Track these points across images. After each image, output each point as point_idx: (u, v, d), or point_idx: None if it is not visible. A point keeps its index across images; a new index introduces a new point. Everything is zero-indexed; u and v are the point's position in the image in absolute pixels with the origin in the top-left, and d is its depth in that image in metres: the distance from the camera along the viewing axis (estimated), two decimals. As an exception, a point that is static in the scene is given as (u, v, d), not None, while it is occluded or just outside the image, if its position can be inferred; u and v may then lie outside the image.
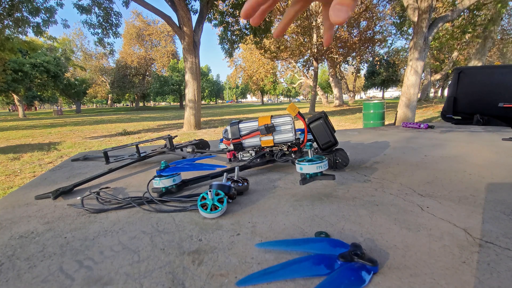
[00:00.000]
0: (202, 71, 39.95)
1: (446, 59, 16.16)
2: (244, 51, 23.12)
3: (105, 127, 9.95)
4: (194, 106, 7.96)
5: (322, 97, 20.87)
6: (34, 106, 48.12)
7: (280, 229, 0.48)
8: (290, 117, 0.88)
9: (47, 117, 20.33)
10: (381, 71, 28.48)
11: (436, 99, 19.24)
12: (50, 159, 4.44)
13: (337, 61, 18.39)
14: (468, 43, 11.24)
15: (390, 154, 1.04)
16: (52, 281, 0.37)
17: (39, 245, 0.47)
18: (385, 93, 49.57)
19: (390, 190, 0.65)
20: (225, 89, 64.14)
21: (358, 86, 43.63)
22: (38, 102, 40.71)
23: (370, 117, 6.40)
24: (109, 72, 33.89)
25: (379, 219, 0.50)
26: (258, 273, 0.36)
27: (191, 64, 7.61)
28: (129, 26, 32.03)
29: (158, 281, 0.35)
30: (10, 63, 18.57)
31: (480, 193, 0.61)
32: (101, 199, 0.67)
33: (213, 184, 0.59)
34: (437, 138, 1.37)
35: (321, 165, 0.59)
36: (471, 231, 0.44)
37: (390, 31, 16.29)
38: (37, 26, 7.81)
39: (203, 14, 7.72)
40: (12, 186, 3.06)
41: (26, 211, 0.64)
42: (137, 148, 1.09)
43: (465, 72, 1.84)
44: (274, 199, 0.63)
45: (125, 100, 44.13)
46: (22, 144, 6.19)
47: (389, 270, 0.35)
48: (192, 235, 0.47)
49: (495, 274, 0.33)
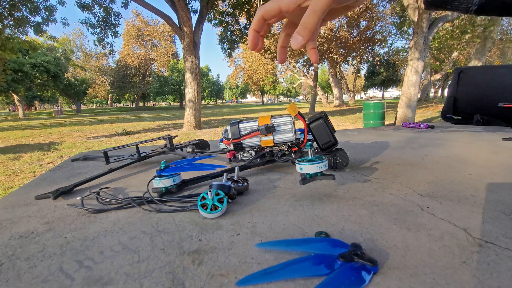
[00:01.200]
0: (202, 71, 39.94)
1: (446, 59, 16.15)
2: (244, 51, 23.15)
3: (105, 127, 9.95)
4: (194, 106, 7.96)
5: (322, 97, 20.88)
6: (34, 106, 48.12)
7: (280, 229, 0.48)
8: (290, 117, 0.88)
9: (47, 117, 20.32)
10: (381, 71, 28.48)
11: (436, 99, 19.24)
12: (50, 159, 4.44)
13: (337, 61, 18.39)
14: (468, 43, 11.24)
15: (390, 154, 1.04)
16: (52, 281, 0.37)
17: (39, 245, 0.47)
18: (385, 93, 49.59)
19: (390, 190, 0.65)
20: (225, 89, 64.13)
21: (358, 86, 43.62)
22: (38, 102, 40.71)
23: (370, 117, 6.40)
24: (109, 72, 33.91)
25: (379, 219, 0.50)
26: (258, 273, 0.36)
27: (191, 64, 7.62)
28: (129, 26, 32.02)
29: (158, 281, 0.35)
30: (10, 63, 18.57)
31: (480, 193, 0.61)
32: (101, 199, 0.67)
33: (213, 184, 0.59)
34: (437, 138, 1.37)
35: (321, 165, 0.59)
36: (471, 231, 0.44)
37: (390, 31, 16.29)
38: (37, 25, 7.82)
39: (203, 14, 7.72)
40: (12, 186, 3.06)
41: (26, 211, 0.64)
42: (137, 148, 1.08)
43: (465, 72, 1.84)
44: (274, 199, 0.63)
45: (125, 100, 44.13)
46: (22, 144, 6.19)
47: (389, 270, 0.35)
48: (192, 235, 0.47)
49: (495, 274, 0.33)
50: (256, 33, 0.33)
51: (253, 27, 0.33)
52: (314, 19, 0.28)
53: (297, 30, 0.30)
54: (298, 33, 0.30)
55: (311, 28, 0.29)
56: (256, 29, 0.33)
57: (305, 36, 0.30)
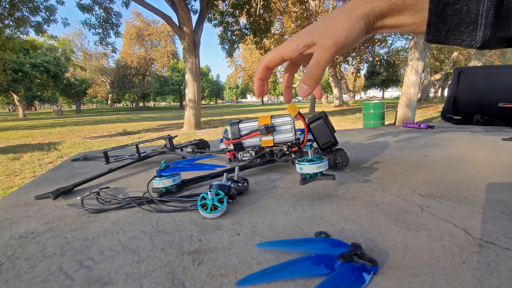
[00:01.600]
0: (202, 71, 39.90)
1: (446, 59, 16.15)
2: (244, 51, 23.16)
3: (105, 127, 9.94)
4: (194, 106, 7.96)
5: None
6: (34, 106, 48.10)
7: (280, 229, 0.48)
8: (290, 117, 0.88)
9: (47, 117, 20.31)
10: (381, 71, 28.48)
11: (436, 99, 19.24)
12: (50, 159, 4.44)
13: (337, 61, 18.39)
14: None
15: (390, 154, 1.04)
16: (52, 281, 0.37)
17: (39, 245, 0.47)
18: (385, 93, 49.56)
19: (390, 190, 0.65)
20: (225, 89, 64.10)
21: (358, 86, 43.62)
22: (38, 102, 40.70)
23: (370, 117, 6.40)
24: (109, 72, 33.90)
25: (379, 219, 0.50)
26: (258, 273, 0.36)
27: (191, 64, 7.62)
28: (129, 26, 32.03)
29: (158, 281, 0.35)
30: (10, 63, 18.56)
31: (480, 193, 0.61)
32: (101, 199, 0.67)
33: (213, 184, 0.59)
34: (437, 138, 1.37)
35: (321, 165, 0.59)
36: (471, 231, 0.44)
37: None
38: (37, 25, 7.82)
39: (203, 14, 7.72)
40: (12, 186, 3.06)
41: (26, 211, 0.64)
42: (137, 148, 1.08)
43: (465, 72, 1.84)
44: (274, 199, 0.63)
45: (125, 100, 44.10)
46: (22, 144, 6.19)
47: (389, 270, 0.35)
48: (192, 235, 0.47)
49: (495, 274, 0.33)
50: (261, 81, 0.36)
51: (257, 77, 0.35)
52: (319, 70, 0.30)
53: (302, 80, 0.31)
54: (304, 83, 0.31)
55: (316, 78, 0.30)
56: (261, 78, 0.35)
57: (311, 85, 0.31)
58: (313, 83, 0.31)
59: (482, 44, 0.26)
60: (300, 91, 0.32)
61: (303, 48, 0.30)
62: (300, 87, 0.32)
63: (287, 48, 0.31)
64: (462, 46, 0.27)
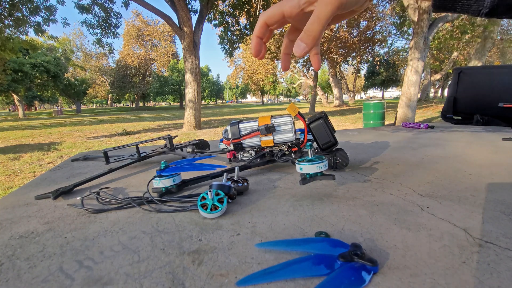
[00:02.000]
0: (202, 71, 39.92)
1: (446, 59, 16.15)
2: (244, 51, 23.14)
3: (105, 127, 9.95)
4: (194, 106, 7.96)
5: (322, 97, 20.88)
6: (34, 106, 48.12)
7: (280, 229, 0.48)
8: (290, 117, 0.88)
9: (47, 117, 20.32)
10: (381, 71, 28.47)
11: (436, 99, 19.24)
12: (50, 159, 4.44)
13: (337, 61, 18.39)
14: (468, 43, 11.24)
15: (390, 154, 1.04)
16: (52, 281, 0.37)
17: (39, 245, 0.47)
18: (385, 93, 49.59)
19: (390, 190, 0.65)
20: (225, 89, 64.12)
21: (358, 86, 43.64)
22: (38, 102, 40.72)
23: (370, 117, 6.40)
24: (109, 72, 33.90)
25: (379, 219, 0.50)
26: (258, 273, 0.36)
27: (191, 64, 7.62)
28: (129, 26, 32.02)
29: (158, 281, 0.35)
30: (10, 63, 18.56)
31: (480, 193, 0.61)
32: (101, 199, 0.67)
33: (213, 184, 0.59)
34: (437, 138, 1.37)
35: (321, 165, 0.59)
36: (471, 231, 0.44)
37: (390, 31, 16.29)
38: (37, 25, 7.82)
39: (203, 14, 7.72)
40: (12, 186, 3.06)
41: (26, 211, 0.64)
42: (137, 148, 1.08)
43: (465, 72, 1.84)
44: (274, 199, 0.63)
45: (125, 100, 44.12)
46: (22, 144, 6.19)
47: (389, 270, 0.35)
48: (192, 235, 0.47)
49: (495, 274, 0.33)
50: (259, 40, 0.33)
51: (256, 34, 0.32)
52: (319, 27, 0.28)
53: (300, 37, 0.29)
54: (301, 40, 0.29)
55: (315, 36, 0.28)
56: (259, 36, 0.32)
57: (309, 43, 0.29)
58: (311, 41, 0.28)
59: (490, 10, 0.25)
60: (297, 50, 0.29)
61: (304, 3, 0.28)
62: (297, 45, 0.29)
63: (289, 3, 0.29)
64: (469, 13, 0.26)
